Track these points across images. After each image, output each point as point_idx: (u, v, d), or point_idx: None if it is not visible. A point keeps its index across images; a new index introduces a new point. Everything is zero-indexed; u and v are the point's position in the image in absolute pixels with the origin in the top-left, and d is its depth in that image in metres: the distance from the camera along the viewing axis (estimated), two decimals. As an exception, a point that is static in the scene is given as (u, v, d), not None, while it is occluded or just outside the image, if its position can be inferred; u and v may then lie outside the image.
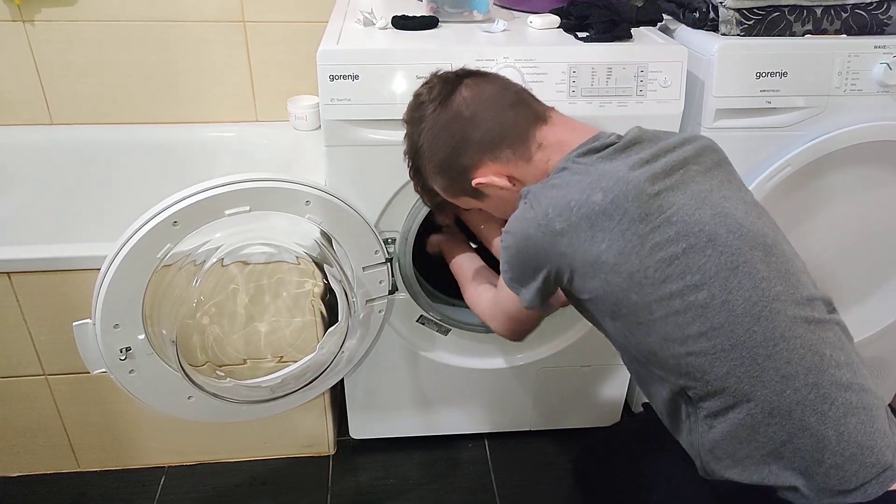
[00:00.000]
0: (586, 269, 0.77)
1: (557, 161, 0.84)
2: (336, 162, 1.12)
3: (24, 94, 1.54)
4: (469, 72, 0.92)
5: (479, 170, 0.89)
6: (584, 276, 0.78)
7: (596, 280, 0.77)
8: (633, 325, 0.78)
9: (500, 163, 0.87)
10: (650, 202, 0.75)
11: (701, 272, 0.74)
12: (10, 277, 1.15)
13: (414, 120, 0.93)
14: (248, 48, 1.56)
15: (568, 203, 0.77)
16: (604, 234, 0.75)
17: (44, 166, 1.58)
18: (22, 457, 1.38)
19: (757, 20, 1.14)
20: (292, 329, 1.24)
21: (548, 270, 0.81)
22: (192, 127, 1.62)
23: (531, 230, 0.80)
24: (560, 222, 0.77)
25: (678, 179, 0.77)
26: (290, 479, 1.42)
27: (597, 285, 0.78)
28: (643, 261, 0.74)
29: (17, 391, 1.29)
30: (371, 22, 1.16)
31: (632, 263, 0.74)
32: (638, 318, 0.77)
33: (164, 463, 1.43)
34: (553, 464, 1.47)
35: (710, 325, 0.74)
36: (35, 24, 1.47)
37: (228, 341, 1.20)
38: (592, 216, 0.75)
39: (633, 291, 0.75)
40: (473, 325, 1.33)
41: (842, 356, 0.75)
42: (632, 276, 0.75)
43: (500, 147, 0.87)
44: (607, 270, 0.76)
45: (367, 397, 1.41)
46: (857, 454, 0.72)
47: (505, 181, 0.88)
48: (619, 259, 0.75)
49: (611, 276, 0.76)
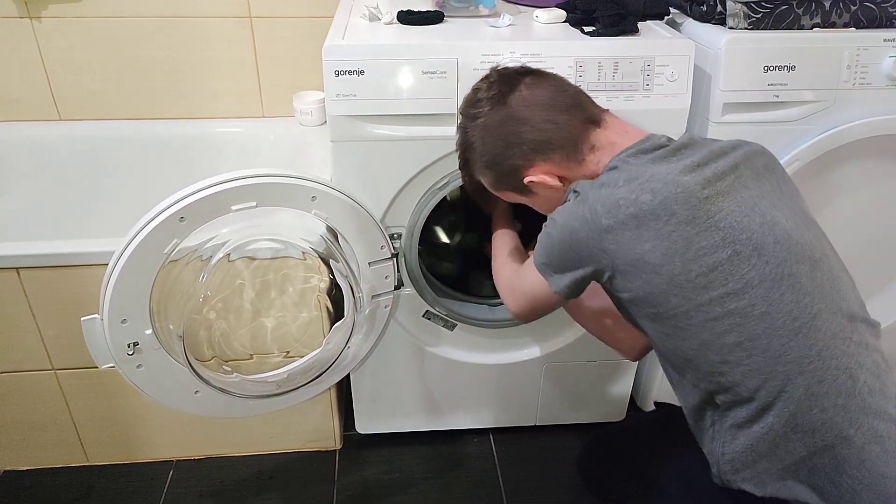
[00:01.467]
0: (628, 267, 0.77)
1: (608, 162, 0.85)
2: (342, 157, 1.12)
3: (32, 91, 1.55)
4: (529, 70, 0.93)
5: (529, 169, 0.89)
6: (625, 275, 0.78)
7: (637, 280, 0.77)
8: (670, 328, 0.78)
9: (552, 164, 0.88)
10: (699, 206, 0.74)
11: (743, 280, 0.73)
12: (19, 273, 1.16)
13: (469, 115, 0.93)
14: (255, 44, 1.56)
15: (616, 201, 0.77)
16: (650, 234, 0.75)
17: (51, 162, 1.58)
18: (31, 451, 1.39)
19: (765, 13, 1.13)
20: (298, 324, 1.24)
21: (589, 266, 0.81)
22: (198, 123, 1.62)
23: (577, 223, 0.80)
24: (607, 219, 0.77)
25: (728, 185, 0.77)
26: (297, 474, 1.43)
27: (638, 285, 0.77)
28: (686, 264, 0.74)
29: (26, 386, 1.30)
30: (377, 17, 1.15)
31: (675, 266, 0.74)
32: (676, 322, 0.77)
33: (172, 457, 1.44)
34: (558, 459, 1.47)
35: (747, 336, 0.73)
36: (42, 21, 1.48)
37: (235, 336, 1.20)
38: (640, 216, 0.75)
39: (674, 294, 0.75)
40: (479, 320, 1.33)
41: (876, 384, 0.74)
42: (673, 279, 0.75)
43: (552, 150, 0.87)
44: (649, 271, 0.76)
45: (373, 392, 1.42)
46: (877, 483, 0.71)
47: (556, 181, 0.89)
48: (663, 260, 0.75)
49: (653, 277, 0.76)
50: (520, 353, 1.40)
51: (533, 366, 1.41)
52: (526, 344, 1.40)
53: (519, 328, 1.35)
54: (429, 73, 1.06)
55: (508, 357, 1.40)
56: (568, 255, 0.83)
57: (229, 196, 1.01)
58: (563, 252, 0.83)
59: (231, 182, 1.01)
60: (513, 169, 0.90)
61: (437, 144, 1.11)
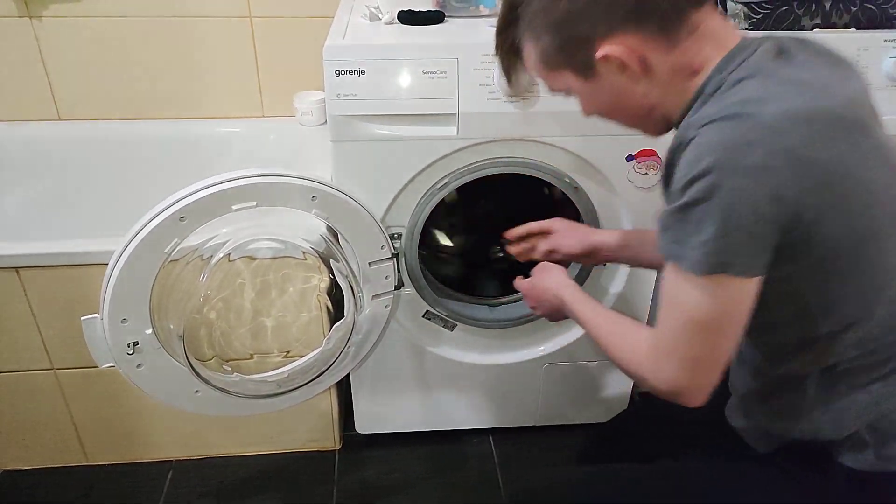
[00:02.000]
0: (835, 200, 0.62)
1: (710, 57, 0.68)
2: (342, 157, 1.12)
3: (32, 90, 1.55)
4: None
5: (609, 39, 0.68)
6: (823, 215, 0.62)
7: (839, 214, 0.62)
8: (835, 289, 0.67)
9: (640, 38, 0.67)
10: (873, 114, 0.67)
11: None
12: (19, 272, 1.16)
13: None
14: (255, 44, 1.56)
15: (797, 112, 0.61)
16: (851, 147, 0.62)
17: (51, 162, 1.58)
18: (31, 450, 1.39)
19: (765, 14, 1.13)
20: (299, 324, 1.24)
21: (783, 213, 0.60)
22: (198, 122, 1.62)
23: (756, 155, 0.59)
24: (797, 138, 0.60)
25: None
26: (297, 474, 1.42)
27: (839, 225, 0.63)
28: (889, 190, 0.64)
29: (25, 385, 1.30)
30: (377, 17, 1.16)
31: (881, 178, 0.64)
32: (853, 276, 0.66)
33: (172, 457, 1.44)
34: (559, 459, 1.47)
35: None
36: (42, 21, 1.48)
37: (235, 336, 1.20)
38: (842, 125, 0.63)
39: (872, 241, 0.65)
40: (479, 320, 1.33)
41: None
42: (875, 218, 0.64)
43: (647, 16, 0.66)
44: (856, 195, 0.63)
45: (372, 392, 1.42)
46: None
47: (635, 62, 0.68)
48: (869, 176, 0.63)
49: (855, 203, 0.63)
50: (520, 353, 1.40)
51: (533, 366, 1.41)
52: (526, 344, 1.40)
53: (518, 328, 1.35)
54: (429, 73, 1.06)
55: (508, 357, 1.40)
56: (745, 212, 0.60)
57: (230, 195, 1.01)
58: (740, 212, 0.60)
59: (231, 182, 1.01)
60: (587, 36, 0.68)
61: (438, 144, 1.11)
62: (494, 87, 1.07)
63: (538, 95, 1.08)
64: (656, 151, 1.15)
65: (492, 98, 1.08)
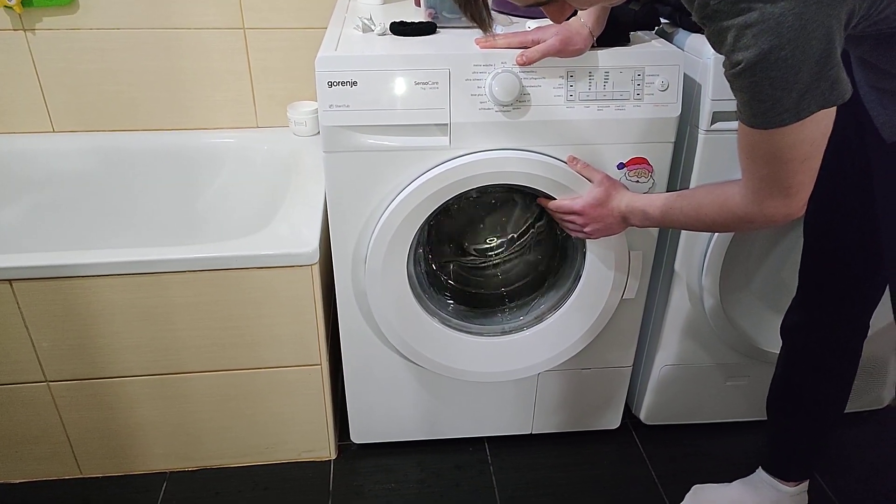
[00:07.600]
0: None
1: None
2: (335, 168, 1.13)
3: (26, 103, 1.55)
4: None
5: None
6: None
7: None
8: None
9: None
10: None
11: None
12: (12, 285, 1.16)
13: None
14: (249, 55, 1.56)
15: None
16: None
17: (45, 174, 1.59)
18: (24, 463, 1.38)
19: (753, 23, 1.14)
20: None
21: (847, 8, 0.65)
22: (192, 133, 1.63)
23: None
24: None
25: None
26: (292, 484, 1.42)
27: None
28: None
29: (18, 398, 1.29)
30: (369, 28, 1.16)
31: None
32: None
33: (166, 469, 1.44)
34: (554, 467, 1.47)
35: None
36: (36, 33, 1.48)
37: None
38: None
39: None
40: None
41: None
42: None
43: None
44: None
45: (367, 402, 1.41)
46: None
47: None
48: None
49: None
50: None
51: (528, 374, 1.41)
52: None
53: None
54: (421, 84, 1.06)
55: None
56: (812, 23, 0.64)
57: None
58: (809, 28, 0.64)
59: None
60: None
61: (431, 155, 1.11)
62: (486, 97, 1.08)
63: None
64: (647, 159, 1.16)
65: (483, 108, 1.08)
